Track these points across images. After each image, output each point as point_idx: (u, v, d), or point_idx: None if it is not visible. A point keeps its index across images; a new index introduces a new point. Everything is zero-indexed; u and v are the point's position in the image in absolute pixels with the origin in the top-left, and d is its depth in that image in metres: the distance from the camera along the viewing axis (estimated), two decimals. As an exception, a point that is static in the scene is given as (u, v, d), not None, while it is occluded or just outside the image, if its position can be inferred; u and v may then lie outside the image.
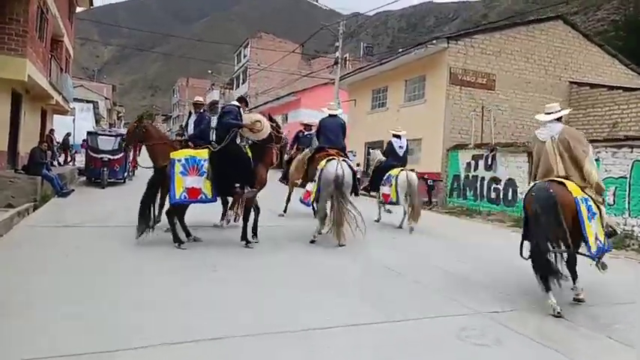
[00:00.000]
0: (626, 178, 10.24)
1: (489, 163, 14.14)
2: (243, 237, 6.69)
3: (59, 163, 18.89)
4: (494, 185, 13.93)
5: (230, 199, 7.96)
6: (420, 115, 17.10)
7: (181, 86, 71.02)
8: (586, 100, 17.29)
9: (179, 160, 6.20)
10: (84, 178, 14.96)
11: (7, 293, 4.08)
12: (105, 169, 13.31)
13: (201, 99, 8.62)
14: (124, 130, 15.84)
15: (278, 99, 32.40)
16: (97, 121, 35.11)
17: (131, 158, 14.98)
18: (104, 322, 3.56)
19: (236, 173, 6.38)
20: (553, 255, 4.64)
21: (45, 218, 8.24)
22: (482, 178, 14.33)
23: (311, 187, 7.80)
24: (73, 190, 11.71)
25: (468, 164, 14.97)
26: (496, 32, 16.84)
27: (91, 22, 61.48)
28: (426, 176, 16.85)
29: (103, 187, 13.14)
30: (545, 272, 4.50)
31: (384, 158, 10.16)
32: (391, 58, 18.72)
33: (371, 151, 12.38)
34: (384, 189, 9.53)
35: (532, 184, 5.12)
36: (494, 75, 16.62)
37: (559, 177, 4.87)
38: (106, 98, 45.29)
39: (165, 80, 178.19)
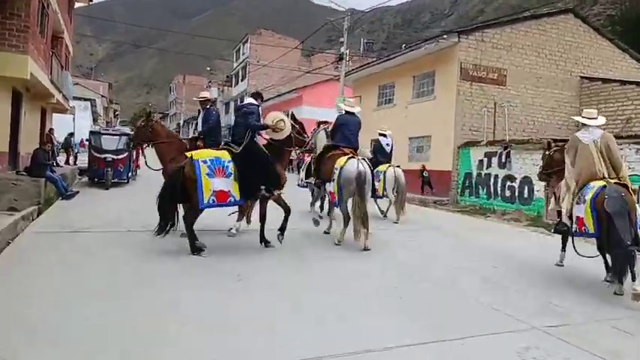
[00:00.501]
0: (650, 176, 9.93)
1: (503, 160, 13.81)
2: (262, 239, 6.50)
3: (57, 164, 18.43)
4: (508, 183, 13.61)
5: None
6: (430, 111, 16.75)
7: (178, 84, 70.38)
8: (598, 96, 16.98)
9: (204, 162, 5.73)
10: (85, 179, 14.56)
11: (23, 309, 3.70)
12: (109, 169, 12.91)
13: (207, 94, 8.12)
14: (127, 129, 15.44)
15: (279, 96, 31.96)
16: (95, 120, 34.60)
17: (134, 157, 14.65)
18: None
19: (261, 174, 6.07)
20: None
21: (51, 223, 7.82)
22: (496, 176, 14.00)
23: (331, 187, 7.42)
24: (78, 192, 11.29)
25: (481, 162, 14.63)
26: (507, 26, 16.49)
27: (84, 18, 60.77)
28: (421, 168, 16.61)
29: (107, 188, 12.75)
30: (628, 262, 4.89)
31: (371, 155, 10.27)
32: (399, 54, 18.33)
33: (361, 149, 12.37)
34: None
35: (597, 185, 5.34)
36: (505, 70, 16.28)
37: (604, 177, 5.39)
38: (103, 96, 44.70)
39: (161, 78, 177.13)
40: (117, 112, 61.79)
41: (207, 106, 7.52)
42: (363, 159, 7.14)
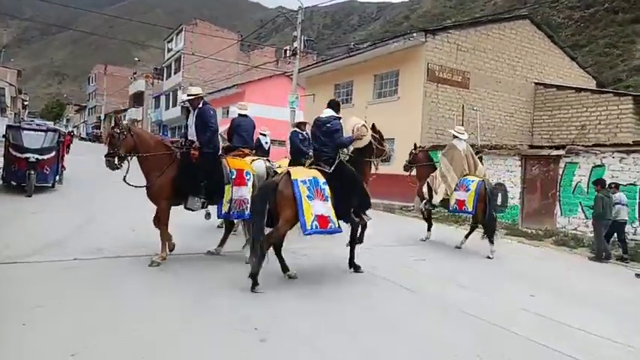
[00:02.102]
0: (636, 185, 9.77)
1: (475, 166, 13.35)
2: (352, 264, 5.98)
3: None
4: (480, 189, 13.16)
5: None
6: (393, 113, 15.97)
7: (98, 74, 64.67)
8: (552, 102, 17.24)
9: (303, 182, 5.02)
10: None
11: None
12: (32, 171, 10.60)
13: (198, 90, 6.18)
14: (51, 124, 13.00)
15: (219, 91, 29.86)
16: (3, 111, 30.28)
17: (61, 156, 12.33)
18: None
19: (353, 196, 5.51)
20: None
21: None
22: (467, 182, 13.51)
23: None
24: (-7, 201, 9.02)
25: (450, 166, 14.08)
26: (471, 28, 16.20)
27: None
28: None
29: (29, 195, 10.44)
30: (495, 228, 8.03)
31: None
32: (360, 51, 17.41)
33: None
34: None
35: (477, 180, 8.05)
36: (468, 73, 15.96)
37: (469, 174, 8.29)
38: (11, 85, 39.57)
39: (75, 67, 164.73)
40: (26, 103, 55.56)
41: (199, 105, 5.88)
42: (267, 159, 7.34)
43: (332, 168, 5.37)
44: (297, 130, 9.43)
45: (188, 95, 5.93)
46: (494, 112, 16.70)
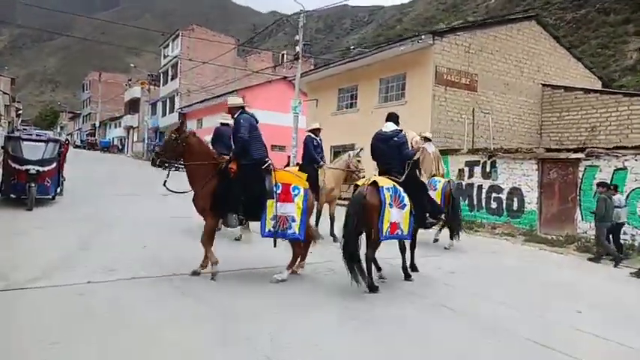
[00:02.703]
0: (661, 188, 9.49)
1: (488, 170, 13.03)
2: (408, 269, 6.15)
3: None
4: (494, 194, 12.83)
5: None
6: (400, 117, 15.62)
7: (93, 81, 64.02)
8: (560, 104, 16.98)
9: (387, 189, 5.29)
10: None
11: None
12: (32, 184, 10.14)
13: (239, 100, 6.00)
14: (51, 134, 12.54)
15: (217, 97, 29.43)
16: (-4, 120, 29.71)
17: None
18: None
19: (427, 203, 5.99)
20: None
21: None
22: (480, 187, 13.18)
23: None
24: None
25: (461, 171, 13.74)
26: (478, 30, 15.90)
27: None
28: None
29: (29, 209, 9.98)
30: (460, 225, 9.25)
31: None
32: (365, 55, 17.06)
33: None
34: None
35: (443, 181, 9.08)
36: (476, 75, 15.66)
37: (437, 175, 9.33)
38: (5, 93, 38.96)
39: (67, 74, 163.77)
40: (19, 111, 54.91)
41: (236, 114, 5.62)
42: None
43: (403, 178, 5.60)
44: (312, 135, 9.11)
45: (228, 106, 5.84)
46: (502, 114, 16.41)
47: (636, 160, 9.89)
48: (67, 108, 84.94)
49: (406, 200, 5.41)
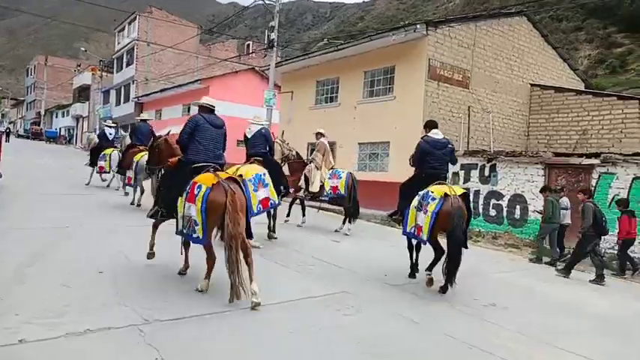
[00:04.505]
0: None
1: (486, 174, 12.00)
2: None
3: None
4: (493, 201, 11.82)
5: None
6: (388, 114, 14.41)
7: (38, 65, 59.21)
8: (550, 105, 16.29)
9: (419, 195, 5.86)
10: None
11: None
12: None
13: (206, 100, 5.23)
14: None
15: (179, 86, 27.23)
16: None
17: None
18: None
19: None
20: None
21: None
22: (477, 192, 12.14)
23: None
24: None
25: (455, 174, 12.63)
26: (471, 22, 14.86)
27: None
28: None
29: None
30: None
31: (97, 140, 14.08)
32: (349, 44, 15.65)
33: (88, 134, 20.13)
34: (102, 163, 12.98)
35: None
36: (469, 71, 14.65)
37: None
38: None
39: (11, 58, 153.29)
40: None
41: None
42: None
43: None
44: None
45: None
46: (492, 114, 15.51)
47: (661, 167, 9.06)
48: (9, 94, 78.63)
49: (430, 207, 5.65)
